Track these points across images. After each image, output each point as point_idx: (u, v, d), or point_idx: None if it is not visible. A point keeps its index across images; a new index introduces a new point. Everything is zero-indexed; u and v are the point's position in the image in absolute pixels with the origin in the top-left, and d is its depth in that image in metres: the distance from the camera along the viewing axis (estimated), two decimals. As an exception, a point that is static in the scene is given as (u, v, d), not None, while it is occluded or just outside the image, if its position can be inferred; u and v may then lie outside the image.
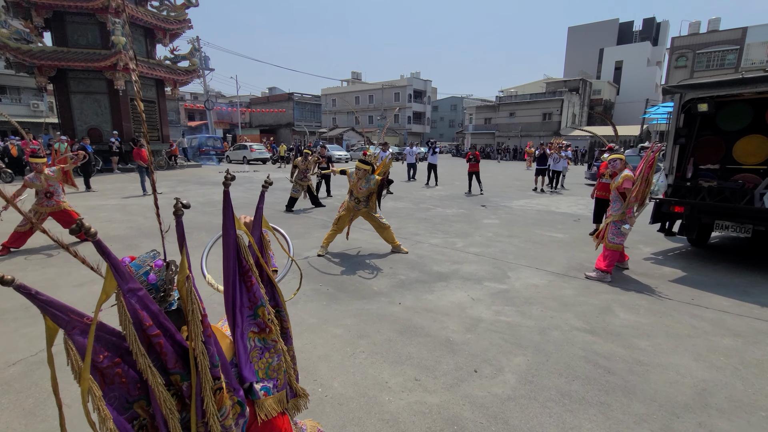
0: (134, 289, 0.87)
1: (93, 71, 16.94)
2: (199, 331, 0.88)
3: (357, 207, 5.43)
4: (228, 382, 1.00)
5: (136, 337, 0.86)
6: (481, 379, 2.65)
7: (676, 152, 5.74)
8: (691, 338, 3.26)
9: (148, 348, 0.88)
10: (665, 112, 19.41)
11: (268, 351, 1.10)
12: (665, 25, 50.53)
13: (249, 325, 1.08)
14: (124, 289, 0.86)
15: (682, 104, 5.50)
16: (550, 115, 39.24)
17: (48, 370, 2.63)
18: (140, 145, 11.17)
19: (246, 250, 1.06)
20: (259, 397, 1.07)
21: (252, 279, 1.06)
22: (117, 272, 0.85)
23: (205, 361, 0.88)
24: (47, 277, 4.44)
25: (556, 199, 11.49)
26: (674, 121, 5.68)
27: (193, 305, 0.89)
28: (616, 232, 4.57)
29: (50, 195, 5.57)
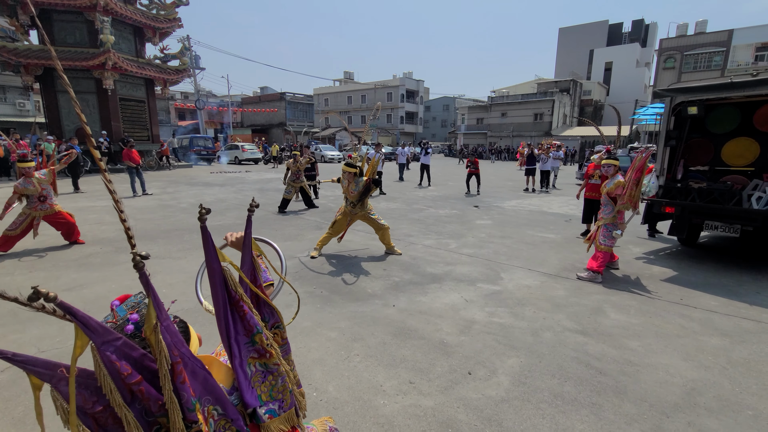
0: (109, 340, 0.83)
1: (81, 70, 16.66)
2: (167, 381, 0.87)
3: (353, 211, 5.42)
4: (224, 414, 0.99)
5: (113, 388, 0.83)
6: (475, 381, 2.66)
7: (666, 154, 5.87)
8: (680, 338, 3.32)
9: (132, 395, 0.87)
10: (654, 113, 19.73)
11: (271, 374, 1.10)
12: (654, 26, 51.24)
13: (248, 352, 1.07)
14: (98, 342, 0.82)
15: (672, 107, 5.63)
16: (542, 115, 39.58)
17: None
18: (130, 146, 11.02)
19: (233, 281, 1.04)
20: (264, 421, 1.06)
21: (244, 308, 1.05)
22: (87, 328, 0.81)
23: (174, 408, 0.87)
24: (36, 281, 4.37)
25: (548, 199, 11.59)
26: (665, 123, 5.81)
27: (161, 355, 0.87)
28: (607, 234, 4.65)
29: (44, 199, 5.47)
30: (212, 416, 0.98)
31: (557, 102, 39.00)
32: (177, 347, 0.91)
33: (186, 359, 0.92)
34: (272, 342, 1.10)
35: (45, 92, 17.30)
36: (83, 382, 0.83)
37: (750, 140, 5.91)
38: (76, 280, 4.39)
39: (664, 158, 5.87)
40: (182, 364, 0.91)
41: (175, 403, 0.87)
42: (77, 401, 0.81)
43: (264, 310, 1.19)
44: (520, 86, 48.86)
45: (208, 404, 0.98)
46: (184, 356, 0.92)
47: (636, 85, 43.88)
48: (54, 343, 3.06)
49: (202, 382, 0.97)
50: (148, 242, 5.98)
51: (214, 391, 0.99)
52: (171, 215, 8.06)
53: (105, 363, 0.82)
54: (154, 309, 0.86)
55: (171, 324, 0.91)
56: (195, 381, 0.95)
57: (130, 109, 18.84)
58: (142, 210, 8.60)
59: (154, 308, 0.86)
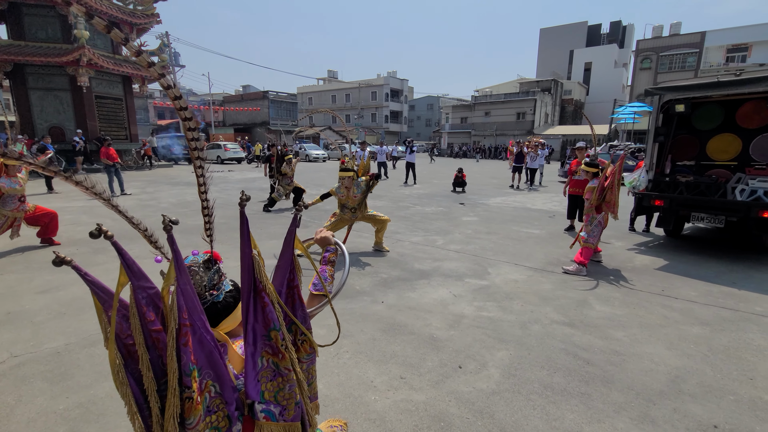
0: (144, 287, 0.96)
1: (54, 66, 16.07)
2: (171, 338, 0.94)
3: (354, 216, 5.34)
4: (220, 393, 0.99)
5: (138, 329, 0.94)
6: (465, 375, 2.66)
7: (655, 150, 6.11)
8: (663, 328, 3.39)
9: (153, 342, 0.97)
10: (632, 112, 20.24)
11: (281, 377, 1.06)
12: (631, 28, 52.58)
13: (263, 345, 1.05)
14: (135, 285, 0.95)
15: (660, 105, 5.86)
16: (524, 114, 40.17)
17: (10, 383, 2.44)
18: (107, 144, 10.68)
19: (260, 270, 1.03)
20: (258, 419, 1.03)
21: (265, 300, 1.03)
22: (129, 270, 0.94)
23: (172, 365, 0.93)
24: (7, 284, 4.17)
25: (532, 196, 11.76)
26: (654, 120, 6.05)
27: (170, 313, 0.94)
28: (590, 233, 4.81)
29: (23, 199, 5.26)
30: (209, 391, 0.98)
31: (539, 101, 39.65)
32: (189, 312, 0.96)
33: (196, 326, 0.97)
34: (288, 344, 1.06)
35: (15, 89, 16.60)
36: (124, 314, 0.96)
37: (733, 136, 6.24)
38: (50, 282, 4.21)
39: (653, 154, 6.11)
40: (190, 328, 0.95)
41: (174, 360, 0.93)
42: (116, 329, 0.94)
43: (299, 312, 1.17)
44: (502, 86, 49.47)
45: (207, 378, 0.98)
46: (194, 323, 0.96)
47: (614, 84, 44.96)
48: (28, 347, 2.92)
49: (207, 354, 0.98)
50: (127, 242, 5.74)
51: (218, 367, 0.99)
52: (151, 215, 7.83)
53: (136, 304, 0.95)
54: (174, 270, 0.94)
55: (190, 289, 0.96)
56: (200, 350, 0.97)
57: (106, 107, 18.27)
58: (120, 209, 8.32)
59: (174, 270, 0.94)
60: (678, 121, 6.21)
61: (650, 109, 20.64)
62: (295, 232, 1.14)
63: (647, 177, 6.03)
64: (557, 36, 51.75)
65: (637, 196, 6.16)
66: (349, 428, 2.17)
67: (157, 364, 0.97)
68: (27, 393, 2.41)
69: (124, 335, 0.97)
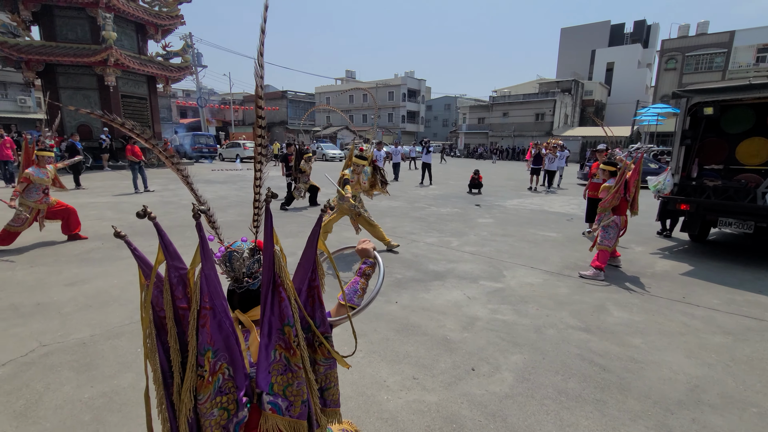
0: (177, 267, 1.06)
1: (82, 66, 16.65)
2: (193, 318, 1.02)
3: (353, 206, 5.38)
4: (232, 377, 1.04)
5: (170, 304, 1.04)
6: (478, 378, 2.66)
7: (681, 153, 5.98)
8: (683, 336, 3.31)
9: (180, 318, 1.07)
10: (655, 114, 19.70)
11: (292, 372, 1.09)
12: (655, 27, 51.15)
13: (277, 338, 1.08)
14: (169, 264, 1.05)
15: (688, 108, 5.74)
16: (543, 115, 39.54)
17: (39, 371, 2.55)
18: (132, 141, 11.01)
19: (279, 265, 1.08)
20: (264, 410, 1.06)
21: (282, 295, 1.07)
22: (166, 250, 1.05)
23: (192, 342, 1.01)
24: (38, 276, 4.36)
25: (550, 198, 11.58)
26: (680, 123, 5.93)
27: (193, 295, 1.03)
28: (605, 235, 4.72)
29: (47, 191, 5.43)
30: (222, 373, 1.03)
31: (559, 102, 38.95)
32: (211, 296, 1.02)
33: (216, 310, 1.03)
34: (301, 342, 1.09)
35: (46, 89, 17.27)
36: (161, 288, 1.05)
37: (764, 140, 6.08)
38: (77, 275, 4.38)
39: (679, 157, 5.99)
40: (210, 311, 1.01)
41: (194, 338, 1.01)
42: (152, 300, 1.05)
43: (318, 313, 1.21)
44: (521, 86, 48.80)
45: (223, 360, 1.02)
46: (215, 306, 1.02)
47: (637, 85, 43.81)
48: (56, 337, 3.05)
49: (225, 338, 1.03)
50: (150, 238, 5.96)
51: (233, 352, 1.04)
52: (172, 212, 8.05)
53: (169, 281, 1.05)
54: (200, 255, 1.01)
55: (214, 274, 1.03)
56: (218, 333, 1.02)
57: (131, 106, 18.82)
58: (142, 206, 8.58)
59: (200, 255, 1.01)
60: (706, 124, 6.08)
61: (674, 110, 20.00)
62: (319, 231, 1.17)
63: (672, 181, 5.91)
64: (579, 36, 50.73)
65: (662, 200, 6.05)
66: (362, 426, 2.20)
67: (182, 339, 1.06)
68: (55, 381, 2.52)
69: (159, 308, 1.06)
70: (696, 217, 5.76)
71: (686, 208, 5.68)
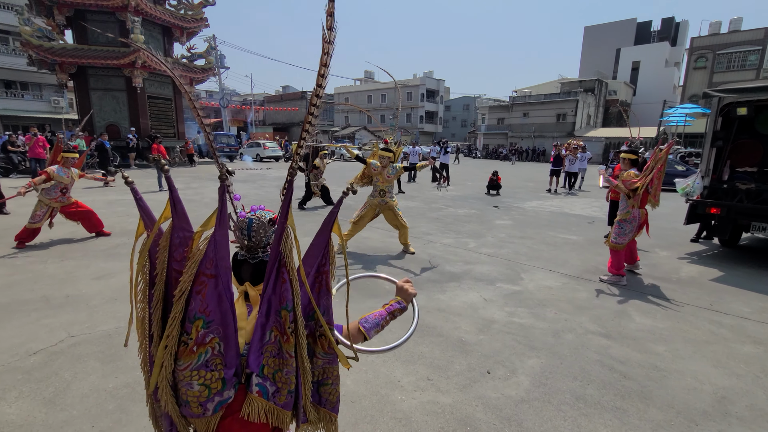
0: (182, 227, 1.03)
1: (112, 68, 17.27)
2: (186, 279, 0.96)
3: (383, 201, 5.40)
4: (221, 354, 0.99)
5: (165, 262, 1.01)
6: (494, 381, 2.62)
7: (712, 155, 5.80)
8: (710, 344, 3.19)
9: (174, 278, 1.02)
10: (683, 114, 18.99)
11: (282, 358, 1.04)
12: (684, 25, 49.37)
13: (274, 320, 1.03)
14: (175, 223, 1.01)
15: (720, 108, 5.57)
16: (565, 115, 38.71)
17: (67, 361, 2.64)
18: (158, 141, 11.35)
19: (286, 243, 1.02)
20: (251, 392, 1.02)
21: (284, 276, 1.02)
22: (174, 208, 1.01)
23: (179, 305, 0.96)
24: (66, 269, 4.55)
25: (570, 200, 11.33)
26: (711, 124, 5.75)
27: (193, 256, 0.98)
28: (619, 232, 4.52)
29: (65, 191, 5.57)
30: (212, 347, 0.97)
31: (581, 102, 38.06)
32: (216, 265, 0.97)
33: (220, 280, 0.98)
34: (299, 330, 1.04)
35: (78, 90, 17.99)
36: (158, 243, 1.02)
37: None
38: (104, 269, 4.55)
39: (709, 159, 5.80)
40: (212, 279, 0.96)
41: (182, 302, 0.96)
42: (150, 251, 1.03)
43: (323, 301, 1.15)
44: (542, 86, 47.91)
45: (215, 334, 0.97)
46: (219, 276, 0.97)
47: (664, 85, 42.39)
48: (83, 329, 3.17)
49: (223, 313, 0.98)
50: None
51: (228, 327, 0.99)
52: (194, 210, 8.25)
53: (171, 240, 1.01)
54: (215, 219, 0.98)
55: (225, 242, 0.99)
56: (216, 305, 0.97)
57: (157, 107, 19.40)
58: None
59: (216, 218, 0.98)
60: (739, 125, 5.85)
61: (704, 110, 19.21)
62: (337, 213, 1.10)
63: (702, 183, 5.71)
64: (603, 34, 49.46)
65: (691, 204, 5.85)
66: (375, 425, 2.21)
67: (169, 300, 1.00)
68: (82, 370, 2.63)
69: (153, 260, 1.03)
70: (727, 222, 5.60)
71: (717, 212, 5.49)
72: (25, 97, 26.56)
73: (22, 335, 3.05)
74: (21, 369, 2.62)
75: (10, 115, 24.71)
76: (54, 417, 2.19)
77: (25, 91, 26.96)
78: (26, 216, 5.49)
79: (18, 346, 2.89)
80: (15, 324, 3.22)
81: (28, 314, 3.40)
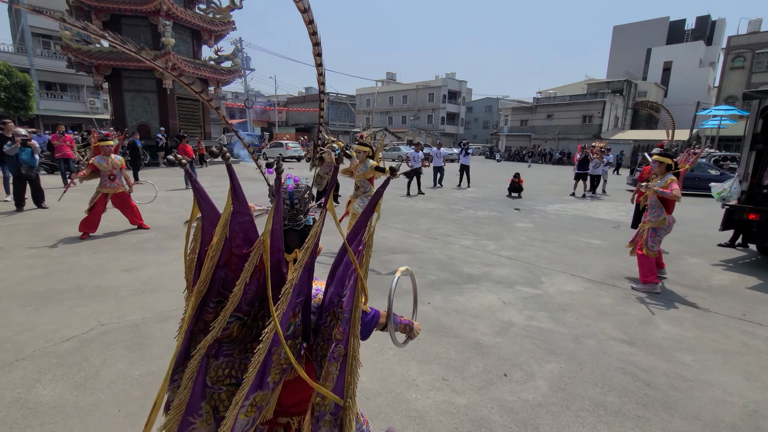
0: (242, 212, 1.08)
1: (144, 71, 17.97)
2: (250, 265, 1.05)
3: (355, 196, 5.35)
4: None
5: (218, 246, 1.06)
6: (510, 384, 2.59)
7: (751, 158, 5.58)
8: (742, 356, 3.04)
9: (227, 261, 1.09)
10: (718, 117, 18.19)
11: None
12: (721, 23, 47.19)
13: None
14: (235, 207, 1.07)
15: (760, 110, 5.38)
16: (591, 117, 37.66)
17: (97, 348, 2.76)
18: (185, 141, 11.73)
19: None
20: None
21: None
22: (235, 195, 1.07)
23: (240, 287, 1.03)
24: (98, 261, 4.76)
25: (595, 204, 11.03)
26: (751, 126, 5.53)
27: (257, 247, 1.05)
28: (655, 239, 4.38)
29: (113, 177, 6.07)
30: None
31: (608, 103, 36.93)
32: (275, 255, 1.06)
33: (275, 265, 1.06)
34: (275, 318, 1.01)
35: (112, 91, 18.80)
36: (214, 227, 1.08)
37: None
38: (133, 262, 4.74)
39: (748, 162, 5.58)
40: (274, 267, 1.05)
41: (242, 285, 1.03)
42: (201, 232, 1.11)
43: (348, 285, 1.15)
44: (568, 87, 46.79)
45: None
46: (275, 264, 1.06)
47: (698, 86, 40.64)
48: (113, 318, 3.32)
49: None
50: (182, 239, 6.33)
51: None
52: (220, 205, 8.47)
53: (230, 226, 1.07)
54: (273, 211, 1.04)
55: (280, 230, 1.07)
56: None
57: (185, 108, 20.05)
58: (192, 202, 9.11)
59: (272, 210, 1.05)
60: None
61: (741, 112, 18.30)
62: (383, 193, 1.15)
63: (740, 188, 5.46)
64: (633, 34, 47.90)
65: (727, 209, 5.62)
66: (389, 422, 2.22)
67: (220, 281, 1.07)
68: (110, 357, 2.75)
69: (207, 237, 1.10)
70: (766, 228, 5.32)
71: (755, 218, 5.25)
72: (64, 98, 27.91)
73: (57, 322, 3.21)
74: (55, 354, 2.76)
75: (50, 115, 26.02)
76: (84, 400, 2.30)
77: (64, 93, 28.34)
78: (65, 210, 5.81)
79: (53, 333, 3.05)
80: (51, 311, 3.40)
81: (62, 303, 3.58)
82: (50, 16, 0.92)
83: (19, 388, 2.39)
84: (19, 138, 7.14)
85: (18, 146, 7.09)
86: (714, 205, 5.93)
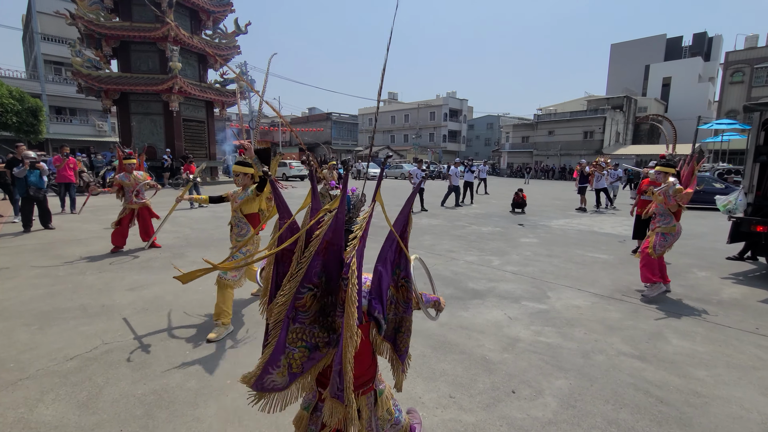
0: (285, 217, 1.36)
1: (151, 94, 18.38)
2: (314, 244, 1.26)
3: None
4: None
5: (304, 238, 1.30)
6: (519, 401, 2.53)
7: (755, 170, 5.59)
8: (757, 370, 2.97)
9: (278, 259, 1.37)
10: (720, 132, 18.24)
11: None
12: (718, 39, 47.95)
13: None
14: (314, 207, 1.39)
15: (762, 122, 5.42)
16: (592, 133, 37.93)
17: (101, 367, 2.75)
18: (189, 161, 11.92)
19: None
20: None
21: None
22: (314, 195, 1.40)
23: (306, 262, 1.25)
24: (105, 281, 4.77)
25: (599, 219, 10.98)
26: (754, 138, 5.58)
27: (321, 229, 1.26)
28: (663, 243, 4.37)
29: (137, 193, 6.32)
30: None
31: (609, 119, 37.25)
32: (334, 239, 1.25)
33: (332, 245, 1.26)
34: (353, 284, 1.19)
35: (120, 114, 19.20)
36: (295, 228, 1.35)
37: None
38: (138, 281, 4.74)
39: (753, 174, 5.58)
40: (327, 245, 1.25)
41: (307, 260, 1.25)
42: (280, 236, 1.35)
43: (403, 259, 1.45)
44: (568, 104, 47.34)
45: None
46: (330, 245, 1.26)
47: (698, 101, 40.99)
48: (116, 336, 3.30)
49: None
50: (202, 249, 6.35)
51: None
52: (222, 225, 8.52)
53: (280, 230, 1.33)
54: (339, 201, 1.24)
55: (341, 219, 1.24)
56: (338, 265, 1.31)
57: (191, 129, 20.41)
58: (197, 220, 9.18)
59: (339, 200, 1.24)
60: None
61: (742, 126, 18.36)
62: (417, 191, 1.53)
63: (745, 200, 5.44)
64: (631, 51, 48.71)
65: (734, 222, 5.58)
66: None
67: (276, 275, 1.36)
68: (113, 376, 2.72)
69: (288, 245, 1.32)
70: None
71: (763, 230, 5.21)
72: (73, 122, 28.53)
73: (61, 341, 3.20)
74: (58, 373, 2.74)
75: (59, 139, 26.56)
76: (86, 420, 2.27)
77: (73, 116, 28.99)
78: (71, 231, 5.88)
79: (57, 351, 3.03)
80: (55, 330, 3.39)
81: (66, 321, 3.57)
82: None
83: (22, 407, 2.37)
84: (28, 160, 7.28)
85: (27, 168, 7.23)
86: (720, 219, 5.89)
